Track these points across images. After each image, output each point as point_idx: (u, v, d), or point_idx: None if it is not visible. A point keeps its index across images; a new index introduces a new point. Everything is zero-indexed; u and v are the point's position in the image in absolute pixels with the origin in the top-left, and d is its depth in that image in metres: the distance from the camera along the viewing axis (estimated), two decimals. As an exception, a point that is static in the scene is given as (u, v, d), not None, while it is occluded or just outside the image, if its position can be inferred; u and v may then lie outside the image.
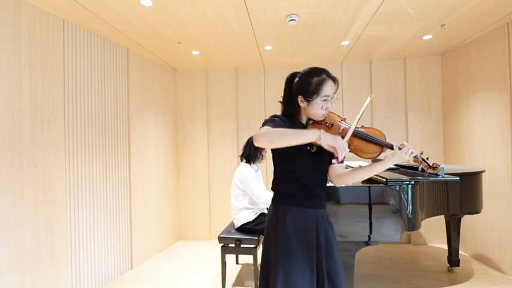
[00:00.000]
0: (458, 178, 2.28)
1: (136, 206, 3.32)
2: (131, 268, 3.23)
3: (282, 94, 1.45)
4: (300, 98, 1.38)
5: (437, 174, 1.35)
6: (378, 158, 1.43)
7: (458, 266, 2.92)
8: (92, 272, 2.70)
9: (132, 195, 3.25)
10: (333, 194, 2.09)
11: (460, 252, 3.04)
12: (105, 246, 2.87)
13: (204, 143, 4.20)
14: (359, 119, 1.34)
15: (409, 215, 2.04)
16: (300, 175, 1.35)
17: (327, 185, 2.11)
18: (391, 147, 1.33)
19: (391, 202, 2.04)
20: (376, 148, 1.36)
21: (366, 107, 1.37)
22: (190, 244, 4.06)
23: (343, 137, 1.27)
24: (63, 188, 2.43)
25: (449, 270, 2.96)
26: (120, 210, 3.09)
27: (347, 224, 2.05)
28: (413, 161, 1.37)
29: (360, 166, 1.42)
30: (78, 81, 2.62)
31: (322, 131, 1.17)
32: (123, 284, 2.88)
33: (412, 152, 1.30)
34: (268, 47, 3.39)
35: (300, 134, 1.19)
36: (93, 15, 2.44)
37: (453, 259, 2.91)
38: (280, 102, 1.47)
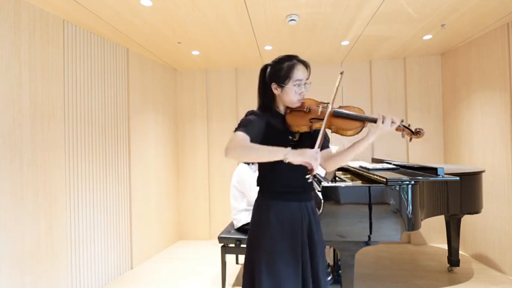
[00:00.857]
0: (458, 178, 2.28)
1: (137, 206, 3.32)
2: (131, 268, 3.23)
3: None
4: (273, 86, 1.38)
5: (416, 133, 1.31)
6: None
7: (458, 266, 2.92)
8: (92, 272, 2.70)
9: (132, 195, 3.25)
10: (333, 194, 2.09)
11: (460, 252, 3.03)
12: (105, 246, 2.87)
13: (204, 143, 4.20)
14: (334, 98, 1.33)
15: (409, 215, 2.04)
16: (283, 167, 1.27)
17: (327, 185, 2.13)
18: (374, 121, 1.31)
19: (391, 202, 2.04)
20: (358, 123, 1.33)
21: (338, 85, 1.37)
22: (190, 244, 4.06)
23: (321, 119, 1.29)
24: (63, 187, 2.43)
25: (449, 270, 2.96)
26: (120, 210, 3.09)
27: (347, 224, 2.05)
28: (396, 129, 1.34)
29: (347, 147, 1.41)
30: (78, 81, 2.62)
31: (289, 150, 1.17)
32: (123, 284, 2.88)
33: (393, 122, 1.28)
34: (268, 47, 3.39)
35: (267, 151, 1.20)
36: (93, 15, 2.44)
37: (453, 259, 2.91)
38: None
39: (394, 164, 2.79)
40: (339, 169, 3.24)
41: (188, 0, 2.28)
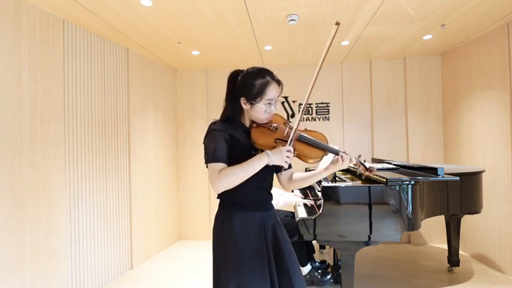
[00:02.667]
0: (458, 178, 2.28)
1: (137, 205, 3.32)
2: (131, 268, 3.23)
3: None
4: (242, 100, 1.31)
5: (370, 171, 1.40)
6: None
7: (458, 266, 2.92)
8: (92, 272, 2.70)
9: (132, 195, 3.25)
10: (333, 194, 2.09)
11: (460, 252, 3.03)
12: (105, 246, 2.87)
13: (204, 143, 4.20)
14: (300, 121, 1.30)
15: (409, 215, 2.04)
16: (247, 179, 1.24)
17: (327, 185, 2.13)
18: (336, 153, 1.34)
19: (391, 202, 2.04)
20: (320, 153, 1.35)
21: (304, 107, 1.36)
22: (190, 244, 4.06)
23: (286, 141, 1.30)
24: (63, 187, 2.43)
25: (449, 270, 2.96)
26: (120, 210, 3.09)
27: (347, 224, 2.05)
28: (354, 165, 1.40)
29: (307, 172, 1.48)
30: (78, 81, 2.62)
31: (269, 153, 1.22)
32: (123, 284, 2.88)
33: (351, 160, 1.34)
34: (268, 47, 3.39)
35: (251, 165, 1.22)
36: (93, 15, 2.44)
37: (453, 259, 2.91)
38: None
39: (394, 164, 2.79)
40: (339, 169, 3.24)
41: (188, 0, 2.28)
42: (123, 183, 3.14)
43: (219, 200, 1.41)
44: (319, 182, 2.37)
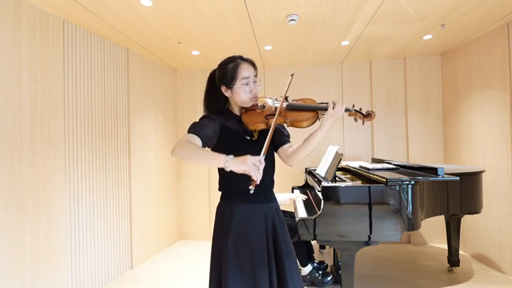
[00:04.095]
0: (458, 178, 2.28)
1: (136, 205, 3.32)
2: (131, 268, 3.23)
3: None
4: (223, 88, 1.37)
5: (367, 116, 1.36)
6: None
7: (458, 266, 2.92)
8: (92, 272, 2.70)
9: (132, 194, 3.25)
10: (333, 194, 2.09)
11: (460, 252, 3.03)
12: (105, 246, 2.87)
13: (204, 143, 4.20)
14: (286, 93, 1.35)
15: (409, 215, 2.04)
16: None
17: (327, 185, 2.13)
18: (326, 108, 1.32)
19: (391, 202, 2.04)
20: (311, 114, 1.35)
21: (290, 82, 1.38)
22: (190, 244, 4.06)
23: (274, 114, 1.28)
24: (63, 187, 2.43)
25: (449, 270, 2.96)
26: (120, 210, 3.09)
27: (347, 224, 2.05)
28: (348, 114, 1.38)
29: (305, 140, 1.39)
30: (78, 81, 2.62)
31: (230, 157, 1.10)
32: (123, 284, 2.88)
33: (341, 106, 1.30)
34: (268, 47, 3.39)
35: (208, 159, 1.17)
36: (93, 15, 2.44)
37: (453, 259, 2.92)
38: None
39: (394, 164, 2.79)
40: (339, 169, 3.24)
41: (188, 0, 2.28)
42: (123, 183, 3.14)
43: (220, 192, 1.43)
44: (319, 182, 2.37)
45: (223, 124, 1.35)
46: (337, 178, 2.71)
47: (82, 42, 2.66)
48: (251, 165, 1.07)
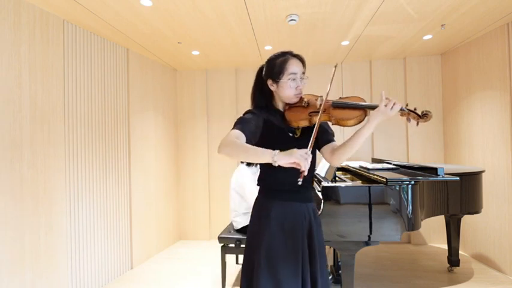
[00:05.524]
0: (458, 178, 2.28)
1: (136, 205, 3.32)
2: (131, 268, 3.23)
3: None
4: (269, 82, 1.37)
5: (423, 116, 1.23)
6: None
7: (458, 266, 2.92)
8: (92, 272, 2.70)
9: (132, 194, 3.25)
10: (333, 194, 2.09)
11: (460, 252, 3.04)
12: (105, 246, 2.87)
13: (204, 143, 4.20)
14: (329, 89, 1.31)
15: (409, 215, 2.04)
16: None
17: (327, 185, 2.12)
18: (374, 108, 1.26)
19: (391, 202, 2.04)
20: (358, 112, 1.28)
21: (333, 77, 1.35)
22: (190, 244, 4.06)
23: (318, 112, 1.26)
24: (63, 187, 2.43)
25: (449, 270, 2.96)
26: (120, 210, 3.09)
27: (347, 224, 2.05)
28: (401, 114, 1.28)
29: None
30: (78, 81, 2.62)
31: (277, 152, 1.09)
32: (123, 284, 2.88)
33: (395, 105, 1.23)
34: (268, 47, 3.39)
35: (256, 155, 1.14)
36: (93, 15, 2.44)
37: (453, 259, 2.91)
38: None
39: (394, 164, 2.79)
40: (339, 169, 3.24)
41: (188, 0, 2.28)
42: (123, 183, 3.14)
43: (258, 186, 1.43)
44: (319, 182, 2.37)
45: (267, 119, 1.34)
46: (337, 178, 2.71)
47: (82, 42, 2.66)
48: (299, 157, 1.07)
